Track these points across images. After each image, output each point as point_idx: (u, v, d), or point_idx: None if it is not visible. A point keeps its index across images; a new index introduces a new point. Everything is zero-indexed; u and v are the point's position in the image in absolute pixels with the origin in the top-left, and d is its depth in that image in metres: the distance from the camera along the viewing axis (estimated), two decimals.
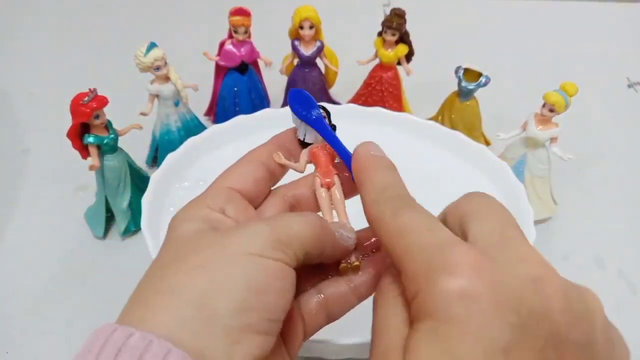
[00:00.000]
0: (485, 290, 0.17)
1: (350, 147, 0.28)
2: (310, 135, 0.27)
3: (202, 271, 0.20)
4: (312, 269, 0.26)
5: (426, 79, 0.62)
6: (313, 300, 0.25)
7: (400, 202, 0.22)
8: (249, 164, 0.27)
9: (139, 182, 0.48)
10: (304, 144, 0.28)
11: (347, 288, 0.25)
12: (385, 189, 0.22)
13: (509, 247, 0.19)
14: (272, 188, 0.28)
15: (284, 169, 0.27)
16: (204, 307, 0.19)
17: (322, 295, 0.25)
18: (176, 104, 0.52)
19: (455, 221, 0.22)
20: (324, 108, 0.28)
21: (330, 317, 0.26)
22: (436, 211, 0.46)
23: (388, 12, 0.54)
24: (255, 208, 0.26)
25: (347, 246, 0.25)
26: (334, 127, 0.28)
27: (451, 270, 0.17)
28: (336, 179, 0.27)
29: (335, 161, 0.28)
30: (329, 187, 0.27)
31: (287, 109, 0.28)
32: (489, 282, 0.17)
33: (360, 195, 0.23)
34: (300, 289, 0.26)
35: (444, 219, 0.23)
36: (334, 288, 0.25)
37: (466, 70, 0.52)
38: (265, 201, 0.27)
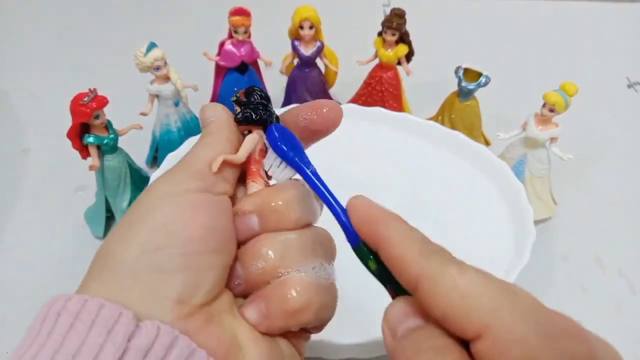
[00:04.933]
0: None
1: (352, 146, 0.27)
2: (282, 176, 0.24)
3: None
4: None
5: (426, 79, 0.62)
6: None
7: (455, 260, 0.19)
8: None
9: (139, 182, 0.48)
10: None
11: None
12: (426, 244, 0.19)
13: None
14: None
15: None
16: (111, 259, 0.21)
17: None
18: (176, 104, 0.52)
19: None
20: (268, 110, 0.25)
21: None
22: (437, 212, 0.46)
23: (388, 12, 0.54)
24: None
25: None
26: (277, 119, 0.25)
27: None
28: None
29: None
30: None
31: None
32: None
33: (389, 252, 0.20)
34: None
35: None
36: None
37: (466, 70, 0.52)
38: None
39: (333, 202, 0.23)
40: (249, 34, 0.55)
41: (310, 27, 0.54)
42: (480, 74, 0.52)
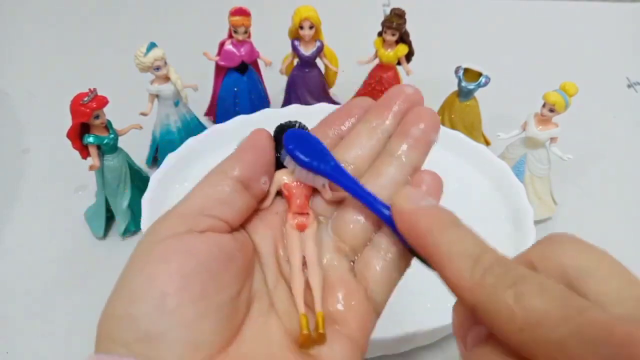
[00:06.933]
0: None
1: None
2: (315, 182, 0.22)
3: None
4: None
5: (426, 79, 0.62)
6: None
7: (511, 276, 0.17)
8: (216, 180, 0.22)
9: (139, 182, 0.48)
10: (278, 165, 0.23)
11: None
12: (478, 258, 0.18)
13: None
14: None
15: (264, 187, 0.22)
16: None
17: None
18: (176, 104, 0.52)
19: (554, 275, 0.18)
20: (293, 126, 0.23)
21: None
22: None
23: (388, 12, 0.54)
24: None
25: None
26: (305, 128, 0.23)
27: None
28: (312, 219, 0.22)
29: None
30: (302, 229, 0.22)
31: (287, 108, 0.26)
32: None
33: (440, 272, 0.18)
34: None
35: (532, 268, 0.19)
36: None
37: (466, 70, 0.52)
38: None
39: (372, 200, 0.21)
40: (249, 34, 0.55)
41: (310, 27, 0.53)
42: (480, 74, 0.52)
